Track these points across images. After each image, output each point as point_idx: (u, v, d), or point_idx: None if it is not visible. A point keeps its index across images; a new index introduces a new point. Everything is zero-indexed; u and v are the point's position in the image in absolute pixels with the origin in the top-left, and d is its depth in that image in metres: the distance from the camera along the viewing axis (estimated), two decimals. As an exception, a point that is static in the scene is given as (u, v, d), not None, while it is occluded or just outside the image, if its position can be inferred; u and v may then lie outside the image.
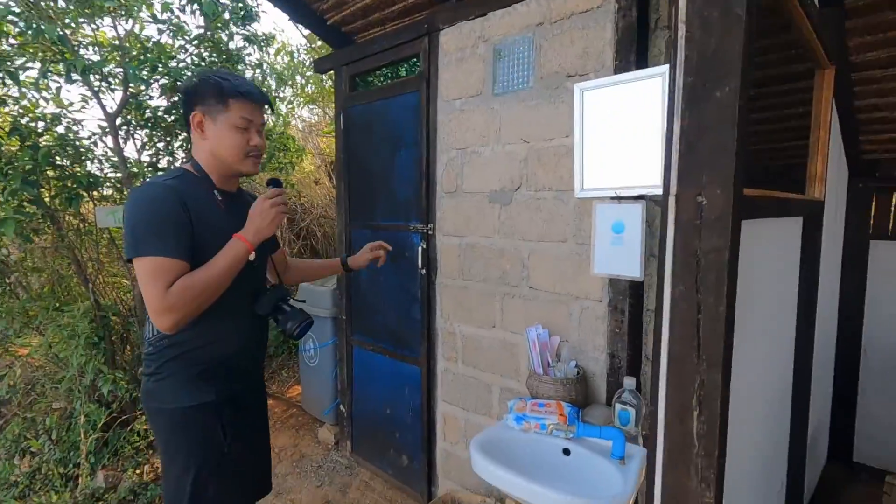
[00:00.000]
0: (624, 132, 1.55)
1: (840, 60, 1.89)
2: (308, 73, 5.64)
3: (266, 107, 1.39)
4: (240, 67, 3.54)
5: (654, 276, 1.68)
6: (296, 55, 5.95)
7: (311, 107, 6.15)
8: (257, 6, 3.40)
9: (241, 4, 3.26)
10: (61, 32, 2.53)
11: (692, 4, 0.72)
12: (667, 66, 1.39)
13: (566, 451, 1.47)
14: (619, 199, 1.63)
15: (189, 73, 3.03)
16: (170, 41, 3.11)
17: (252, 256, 1.29)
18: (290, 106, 5.40)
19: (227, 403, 1.36)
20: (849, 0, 1.78)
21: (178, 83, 3.05)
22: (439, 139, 2.19)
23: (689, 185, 0.74)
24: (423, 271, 2.30)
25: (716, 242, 0.72)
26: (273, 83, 4.92)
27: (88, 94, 2.88)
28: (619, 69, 1.61)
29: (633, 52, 1.58)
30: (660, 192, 1.47)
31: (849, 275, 2.70)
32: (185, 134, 3.24)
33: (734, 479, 1.06)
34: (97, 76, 2.81)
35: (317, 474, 2.76)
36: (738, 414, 0.82)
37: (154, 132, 3.16)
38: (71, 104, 2.96)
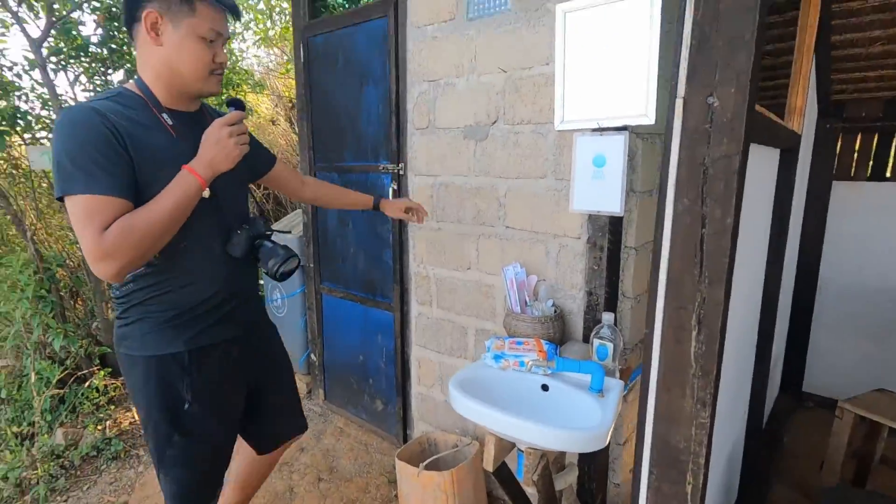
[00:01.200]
0: (608, 58, 1.46)
1: (824, -11, 1.84)
2: (258, 7, 5.18)
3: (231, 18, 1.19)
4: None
5: (633, 212, 1.65)
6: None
7: (266, 51, 5.72)
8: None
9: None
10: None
11: None
12: (657, -18, 1.29)
13: (545, 387, 1.47)
14: (601, 130, 1.56)
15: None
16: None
17: (206, 193, 1.11)
18: (243, 42, 4.99)
19: (196, 356, 1.21)
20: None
21: (114, 10, 2.72)
22: (409, 70, 2.04)
23: (699, 84, 0.67)
24: (395, 214, 2.20)
25: (726, 148, 0.66)
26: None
27: (9, 19, 2.54)
28: (604, -12, 1.50)
29: (619, -32, 1.47)
30: (644, 122, 1.41)
31: (811, 214, 2.77)
32: (125, 67, 2.92)
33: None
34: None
35: (289, 423, 2.73)
36: (728, 333, 0.79)
37: (90, 64, 2.84)
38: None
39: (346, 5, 3.32)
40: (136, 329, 1.19)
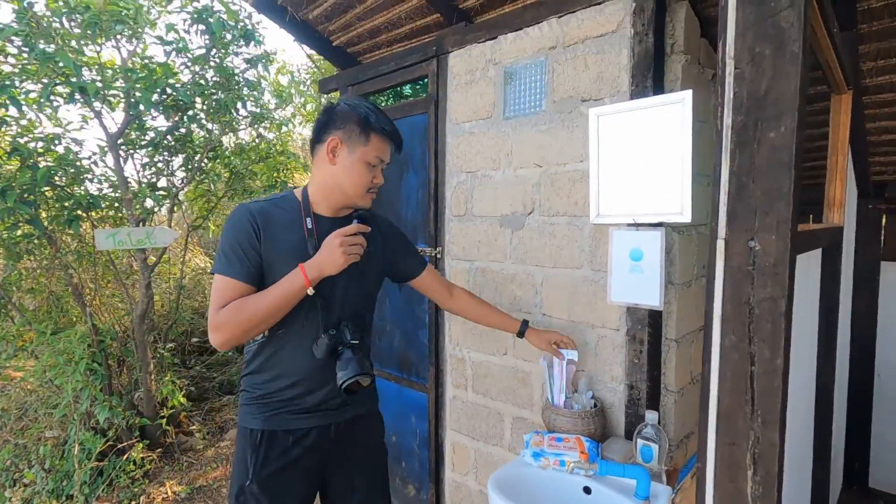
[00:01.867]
0: (641, 158, 1.52)
1: (854, 84, 1.88)
2: (308, 93, 5.63)
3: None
4: (242, 87, 3.51)
5: (672, 304, 1.64)
6: (295, 75, 5.96)
7: (311, 125, 6.13)
8: (258, 23, 3.38)
9: (243, 25, 3.24)
10: (60, 59, 2.49)
11: (742, 40, 0.68)
12: (687, 92, 1.36)
13: (587, 490, 1.41)
14: (637, 225, 1.59)
15: (189, 92, 2.99)
16: (173, 60, 3.09)
17: (311, 291, 1.18)
18: (289, 125, 5.38)
19: (267, 437, 1.28)
20: (862, 25, 1.77)
21: (181, 101, 3.02)
22: (448, 162, 2.16)
23: (739, 229, 0.70)
24: (432, 295, 2.25)
25: (771, 291, 0.67)
26: (273, 101, 4.91)
27: (89, 114, 2.85)
28: (635, 94, 1.59)
29: (649, 77, 1.56)
30: (680, 219, 1.44)
31: (860, 297, 2.66)
32: (184, 154, 3.19)
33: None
34: (99, 97, 2.77)
35: (319, 504, 2.67)
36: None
37: (157, 152, 3.12)
38: (70, 123, 2.93)
39: (386, 101, 3.59)
40: (240, 398, 1.35)
